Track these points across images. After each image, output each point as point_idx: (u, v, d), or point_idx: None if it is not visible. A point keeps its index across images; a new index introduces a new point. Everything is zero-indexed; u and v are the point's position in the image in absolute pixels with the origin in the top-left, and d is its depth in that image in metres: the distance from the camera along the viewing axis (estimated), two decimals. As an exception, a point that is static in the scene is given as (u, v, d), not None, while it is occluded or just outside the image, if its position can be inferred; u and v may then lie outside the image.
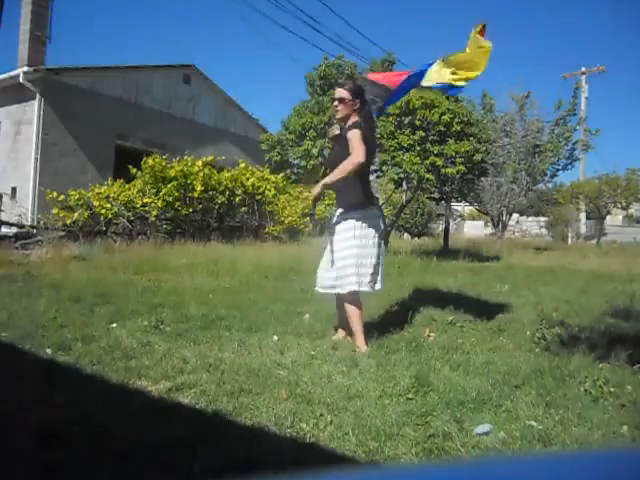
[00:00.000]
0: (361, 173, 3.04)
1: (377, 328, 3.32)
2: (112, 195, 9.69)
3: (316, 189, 3.04)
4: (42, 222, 9.90)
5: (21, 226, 9.43)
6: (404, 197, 12.25)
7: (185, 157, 10.62)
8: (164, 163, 10.05)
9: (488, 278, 6.75)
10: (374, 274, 3.05)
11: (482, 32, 3.22)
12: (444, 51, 3.41)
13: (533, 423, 1.94)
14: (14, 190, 11.45)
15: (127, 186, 10.09)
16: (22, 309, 3.68)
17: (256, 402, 2.09)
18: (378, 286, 3.12)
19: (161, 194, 9.86)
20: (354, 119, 3.02)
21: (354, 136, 2.88)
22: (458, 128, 9.23)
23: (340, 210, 3.12)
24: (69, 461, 1.53)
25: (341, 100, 3.06)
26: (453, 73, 3.33)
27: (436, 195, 11.72)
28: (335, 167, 2.94)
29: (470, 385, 2.33)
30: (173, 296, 4.49)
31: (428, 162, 8.94)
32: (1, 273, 5.40)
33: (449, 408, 2.06)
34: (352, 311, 3.00)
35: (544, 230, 26.60)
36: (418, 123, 9.16)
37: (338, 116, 3.11)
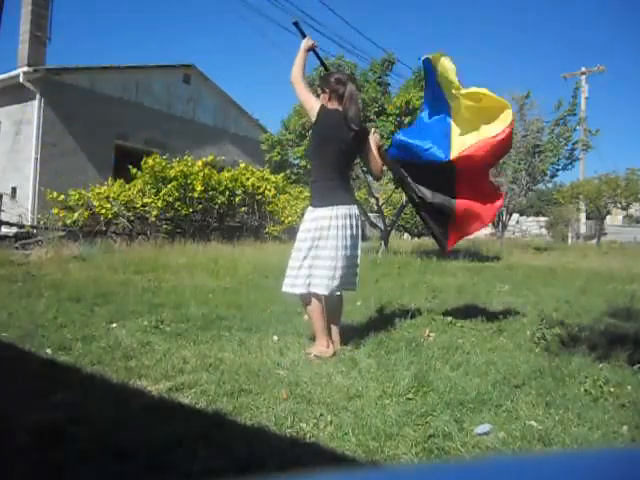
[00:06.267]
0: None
1: (377, 328, 3.32)
2: (112, 195, 9.69)
3: None
4: (42, 222, 9.90)
5: (21, 226, 9.43)
6: (404, 197, 12.23)
7: (185, 157, 10.62)
8: (164, 163, 10.05)
9: (488, 278, 6.74)
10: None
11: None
12: (443, 49, 3.27)
13: (533, 423, 1.94)
14: (14, 190, 11.45)
15: (127, 186, 10.10)
16: (22, 309, 3.68)
17: (256, 402, 2.09)
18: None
19: (161, 194, 9.86)
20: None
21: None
22: (458, 128, 9.22)
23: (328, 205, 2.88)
24: (69, 461, 1.53)
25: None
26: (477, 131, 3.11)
27: (436, 195, 11.70)
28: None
29: (470, 385, 2.33)
30: (173, 296, 4.49)
31: (428, 162, 8.93)
32: (1, 273, 5.40)
33: (449, 408, 2.05)
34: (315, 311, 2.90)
35: (544, 230, 26.60)
36: (418, 123, 9.15)
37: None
